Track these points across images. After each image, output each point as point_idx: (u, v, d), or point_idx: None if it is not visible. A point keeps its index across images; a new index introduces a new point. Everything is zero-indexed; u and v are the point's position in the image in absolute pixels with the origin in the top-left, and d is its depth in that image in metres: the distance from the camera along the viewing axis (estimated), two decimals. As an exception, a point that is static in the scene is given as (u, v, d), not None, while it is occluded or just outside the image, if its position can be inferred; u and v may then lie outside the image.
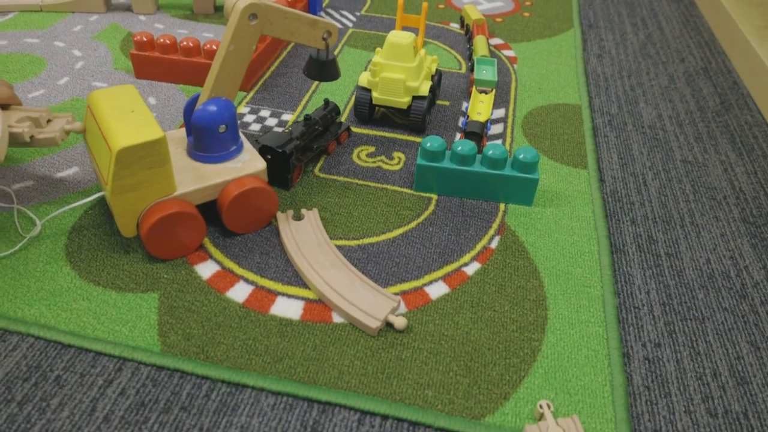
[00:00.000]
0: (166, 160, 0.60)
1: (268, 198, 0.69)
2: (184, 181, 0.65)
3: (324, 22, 0.73)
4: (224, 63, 0.66)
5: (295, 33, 0.71)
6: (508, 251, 0.71)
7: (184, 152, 0.70)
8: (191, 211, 0.64)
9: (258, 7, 0.65)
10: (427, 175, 0.78)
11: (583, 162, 0.88)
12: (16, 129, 0.68)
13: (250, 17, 0.65)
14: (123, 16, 1.23)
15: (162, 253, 0.66)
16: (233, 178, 0.67)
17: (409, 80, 0.88)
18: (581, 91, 1.07)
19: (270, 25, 0.68)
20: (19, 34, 1.13)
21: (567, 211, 0.78)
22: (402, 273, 0.68)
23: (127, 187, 0.60)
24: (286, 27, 0.70)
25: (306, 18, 0.71)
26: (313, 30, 0.73)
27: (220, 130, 0.67)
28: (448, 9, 1.39)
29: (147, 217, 0.62)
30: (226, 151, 0.69)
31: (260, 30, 0.67)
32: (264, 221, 0.71)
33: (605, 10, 1.44)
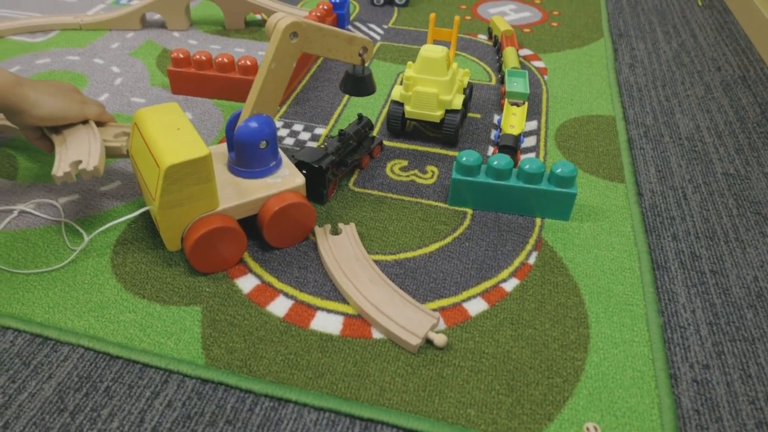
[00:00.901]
0: (210, 177, 0.62)
1: (307, 213, 0.70)
2: (226, 196, 0.67)
3: (360, 38, 0.74)
4: (266, 80, 0.67)
5: (333, 49, 0.73)
6: (546, 267, 0.71)
7: (226, 167, 0.72)
8: (234, 226, 0.65)
9: (299, 26, 0.67)
10: (463, 190, 0.78)
11: (620, 175, 0.87)
12: (114, 143, 0.75)
13: (291, 36, 0.67)
14: (158, 32, 1.25)
15: (205, 267, 0.67)
16: (274, 194, 0.68)
17: (442, 94, 0.88)
18: (614, 102, 1.06)
19: (309, 43, 0.70)
20: (61, 51, 1.15)
21: (605, 226, 0.77)
22: (440, 289, 0.68)
23: (173, 203, 0.61)
24: (324, 44, 0.71)
25: (343, 35, 0.72)
26: (350, 46, 0.74)
27: (261, 147, 0.68)
28: (475, 20, 1.39)
29: (191, 232, 0.64)
30: (267, 166, 0.70)
31: (300, 48, 0.69)
32: (302, 235, 0.72)
33: (635, 19, 1.43)
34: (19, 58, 1.12)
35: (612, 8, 1.48)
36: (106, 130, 0.79)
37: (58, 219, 0.75)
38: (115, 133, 0.78)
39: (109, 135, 0.78)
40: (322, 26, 0.70)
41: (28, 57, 1.13)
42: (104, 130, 0.79)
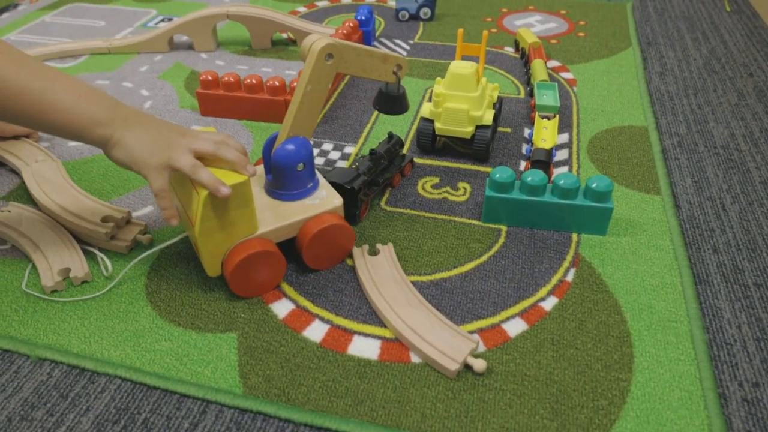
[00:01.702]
0: (249, 201, 0.62)
1: (346, 234, 0.70)
2: (265, 220, 0.67)
3: (394, 56, 0.74)
4: (302, 103, 0.68)
5: (368, 69, 0.73)
6: (585, 284, 0.69)
7: (263, 190, 0.72)
8: (273, 250, 0.65)
9: (334, 47, 0.67)
10: (497, 207, 0.77)
11: (656, 187, 0.85)
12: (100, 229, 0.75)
13: (327, 57, 0.67)
14: (185, 54, 1.26)
15: (245, 292, 0.67)
16: (312, 216, 0.68)
17: (473, 110, 0.87)
18: (646, 112, 1.05)
19: (344, 63, 0.70)
20: (91, 76, 1.17)
21: (643, 240, 0.76)
22: (477, 309, 0.66)
23: (213, 228, 0.61)
24: (359, 64, 0.72)
25: (377, 54, 0.72)
26: (384, 65, 0.74)
27: (298, 169, 0.68)
28: (501, 33, 1.38)
29: (231, 257, 0.64)
30: (304, 188, 0.70)
31: (336, 69, 0.69)
32: (341, 257, 0.72)
33: (663, 26, 1.41)
34: (52, 85, 1.14)
35: (639, 16, 1.46)
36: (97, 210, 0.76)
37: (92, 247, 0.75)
38: (103, 216, 0.75)
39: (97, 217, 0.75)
40: (356, 46, 0.70)
41: (60, 83, 1.15)
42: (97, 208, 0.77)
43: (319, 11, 1.50)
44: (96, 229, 0.73)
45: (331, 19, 1.45)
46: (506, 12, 1.50)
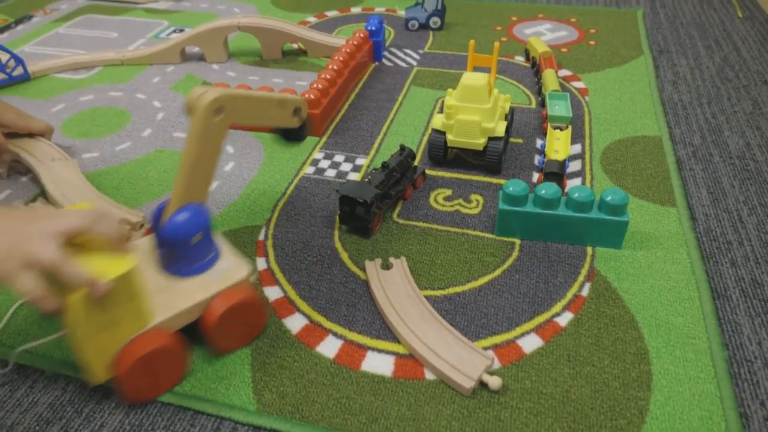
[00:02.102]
0: (138, 292, 0.52)
1: (258, 310, 0.63)
2: (160, 305, 0.57)
3: (291, 99, 0.72)
4: (193, 165, 0.58)
5: (265, 116, 0.69)
6: (601, 299, 0.69)
7: (154, 266, 0.62)
8: (173, 345, 0.56)
9: (223, 100, 0.58)
10: (510, 220, 0.77)
11: (671, 199, 0.85)
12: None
13: (216, 112, 0.58)
14: (197, 65, 1.27)
15: (142, 395, 0.57)
16: (216, 293, 0.59)
17: (485, 121, 0.87)
18: (659, 122, 1.04)
19: (238, 114, 0.62)
20: (104, 88, 1.18)
21: (660, 254, 0.75)
22: (492, 325, 0.66)
23: (94, 331, 0.51)
24: (254, 112, 0.66)
25: (273, 99, 0.69)
26: (281, 110, 0.71)
27: (193, 242, 0.59)
28: (511, 42, 1.38)
29: (122, 360, 0.54)
30: (204, 261, 0.61)
31: (228, 122, 0.60)
32: (255, 333, 0.64)
33: (675, 34, 1.40)
34: (64, 96, 1.15)
35: (650, 24, 1.46)
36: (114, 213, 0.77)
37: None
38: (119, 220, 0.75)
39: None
40: (249, 94, 0.64)
41: (72, 94, 1.15)
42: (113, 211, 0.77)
43: (328, 21, 1.51)
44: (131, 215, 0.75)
45: (341, 29, 1.45)
46: (516, 20, 1.49)
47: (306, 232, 0.79)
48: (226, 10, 1.59)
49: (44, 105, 1.12)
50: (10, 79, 1.18)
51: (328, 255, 0.75)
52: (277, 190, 0.87)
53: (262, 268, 0.74)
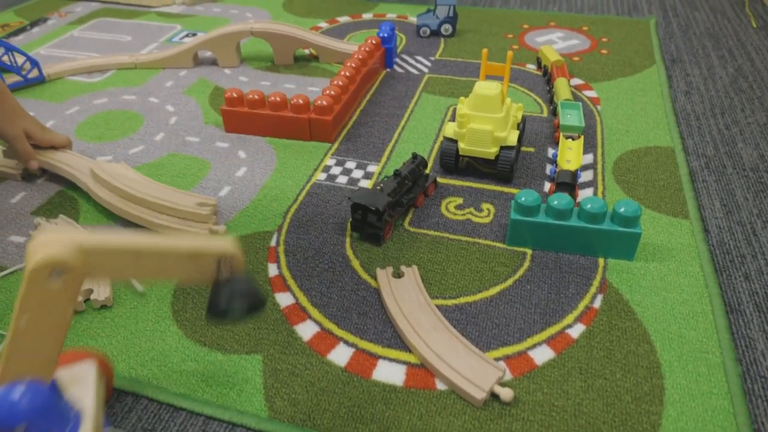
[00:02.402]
0: None
1: None
2: None
3: (211, 247, 0.46)
4: (20, 337, 0.42)
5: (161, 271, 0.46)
6: (613, 311, 0.68)
7: None
8: None
9: (64, 261, 0.40)
10: (522, 230, 0.77)
11: (684, 211, 0.84)
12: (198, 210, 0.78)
13: (53, 275, 0.40)
14: (209, 70, 1.27)
15: None
16: None
17: (497, 131, 0.87)
18: (672, 132, 1.03)
19: (102, 271, 0.43)
20: (117, 91, 1.18)
21: (672, 266, 0.75)
22: (503, 336, 0.66)
23: None
24: (143, 267, 0.45)
25: (179, 250, 0.45)
26: (193, 263, 0.46)
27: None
28: (522, 50, 1.37)
29: None
30: None
31: (77, 285, 0.42)
32: None
33: (688, 44, 1.40)
34: (78, 99, 1.16)
35: (663, 33, 1.45)
36: (187, 198, 0.80)
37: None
38: (198, 202, 0.80)
39: (191, 203, 0.80)
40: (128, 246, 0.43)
41: (86, 97, 1.16)
42: (185, 196, 0.80)
43: (340, 27, 1.51)
44: (197, 211, 0.78)
45: (353, 35, 1.46)
46: (528, 28, 1.49)
47: (318, 238, 0.79)
48: (238, 15, 1.60)
49: (59, 107, 1.13)
50: (25, 82, 1.19)
51: (339, 262, 0.76)
52: (288, 196, 0.88)
53: (273, 274, 0.74)
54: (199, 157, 0.97)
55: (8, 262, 0.76)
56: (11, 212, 0.85)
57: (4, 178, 0.93)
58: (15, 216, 0.85)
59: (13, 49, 1.16)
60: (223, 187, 0.90)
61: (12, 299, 0.71)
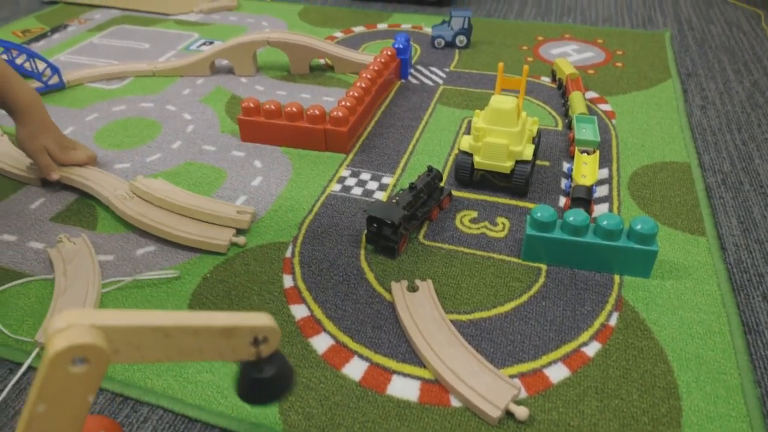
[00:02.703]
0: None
1: None
2: None
3: (247, 325, 0.42)
4: (39, 421, 0.38)
5: (196, 351, 0.41)
6: (629, 329, 0.68)
7: None
8: None
9: (88, 347, 0.36)
10: (537, 246, 0.77)
11: (700, 228, 0.84)
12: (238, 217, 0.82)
13: (74, 363, 0.37)
14: (226, 78, 1.28)
15: None
16: None
17: (513, 145, 0.87)
18: (688, 147, 1.03)
19: (128, 354, 0.39)
20: (136, 98, 1.20)
21: (689, 285, 0.74)
22: (518, 352, 0.66)
23: None
24: (174, 347, 0.40)
25: (211, 329, 0.40)
26: (228, 340, 0.41)
27: None
28: (537, 62, 1.37)
29: None
30: None
31: (101, 370, 0.38)
32: None
33: (703, 57, 1.40)
34: (97, 105, 1.17)
35: (678, 47, 1.45)
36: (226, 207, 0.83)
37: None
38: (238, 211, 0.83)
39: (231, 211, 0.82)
40: (157, 324, 0.39)
41: (105, 104, 1.17)
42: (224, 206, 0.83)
43: (355, 37, 1.52)
44: (238, 218, 0.81)
45: (368, 45, 1.46)
46: (542, 40, 1.49)
47: (332, 250, 0.80)
48: (254, 24, 1.61)
49: (78, 114, 1.14)
50: (46, 88, 1.21)
51: (354, 274, 0.76)
52: (304, 207, 0.88)
53: (288, 285, 0.74)
54: (215, 165, 0.98)
55: (27, 269, 0.77)
56: (30, 218, 0.86)
57: (24, 184, 0.94)
58: (34, 222, 0.85)
59: (35, 56, 1.17)
60: (239, 197, 0.90)
61: (30, 305, 0.72)
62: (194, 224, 0.81)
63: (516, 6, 1.74)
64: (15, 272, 0.77)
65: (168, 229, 0.80)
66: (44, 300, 0.72)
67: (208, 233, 0.80)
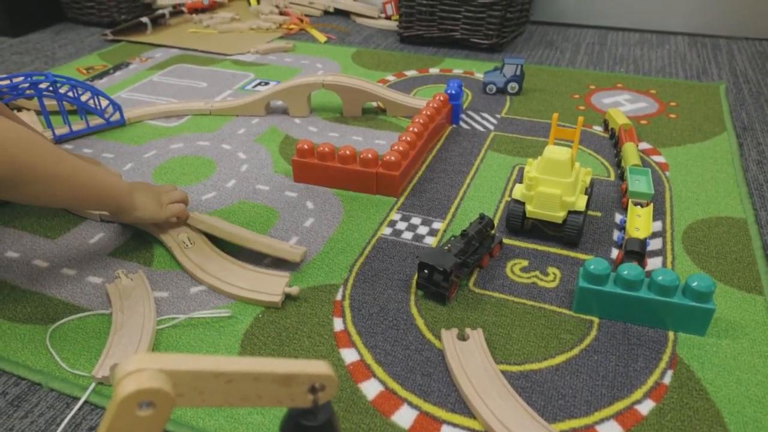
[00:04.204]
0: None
1: None
2: None
3: (306, 373, 0.42)
4: None
5: (253, 396, 0.42)
6: (683, 389, 0.67)
7: None
8: None
9: (156, 391, 0.38)
10: (590, 298, 0.76)
11: (758, 286, 0.82)
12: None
13: (141, 407, 0.38)
14: (280, 119, 1.32)
15: None
16: None
17: (566, 195, 0.87)
18: (744, 203, 1.01)
19: (191, 397, 0.40)
20: (192, 136, 1.24)
21: (746, 345, 0.72)
22: (569, 407, 0.65)
23: None
24: (231, 392, 0.41)
25: (273, 372, 0.41)
26: (287, 388, 0.42)
27: None
28: (588, 110, 1.38)
29: None
30: None
31: (166, 413, 0.39)
32: None
33: (759, 110, 1.38)
34: (156, 143, 1.21)
35: (733, 99, 1.43)
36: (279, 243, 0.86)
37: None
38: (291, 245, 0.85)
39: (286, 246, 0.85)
40: (220, 370, 0.40)
41: (164, 141, 1.22)
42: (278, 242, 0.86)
43: (407, 80, 1.55)
44: (293, 250, 0.84)
45: (420, 89, 1.49)
46: (594, 89, 1.50)
47: (383, 294, 0.80)
48: (309, 65, 1.65)
49: (137, 150, 1.18)
50: (107, 124, 1.26)
51: (404, 320, 0.76)
52: (355, 249, 0.89)
53: (339, 329, 0.75)
54: (268, 205, 1.00)
55: (85, 303, 0.80)
56: (89, 252, 0.89)
57: (84, 218, 0.97)
58: (93, 257, 0.89)
59: (99, 94, 1.23)
60: (291, 237, 0.92)
61: (88, 339, 0.74)
62: (247, 275, 0.82)
63: (568, 54, 1.75)
64: (74, 306, 0.79)
65: (220, 284, 0.80)
66: (101, 335, 0.74)
67: (260, 286, 0.79)
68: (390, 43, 1.84)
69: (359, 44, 1.83)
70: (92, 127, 1.24)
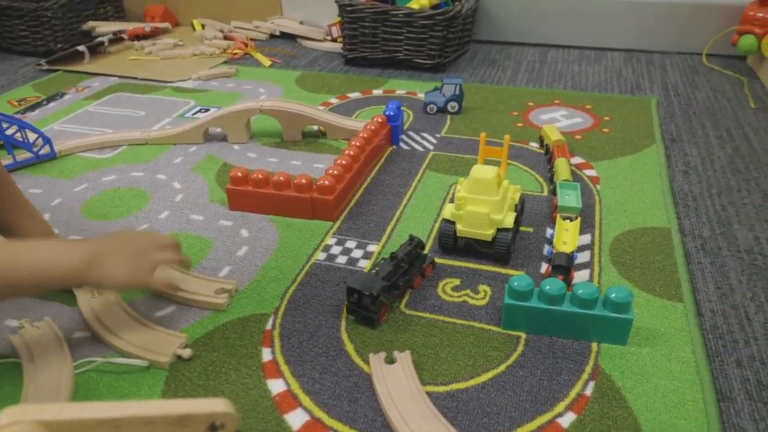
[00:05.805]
0: None
1: None
2: None
3: (204, 414, 0.42)
4: None
5: None
6: (604, 399, 0.68)
7: None
8: None
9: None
10: (516, 314, 0.77)
11: (678, 294, 0.85)
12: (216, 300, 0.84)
13: None
14: (219, 146, 1.32)
15: None
16: None
17: (493, 213, 0.89)
18: (669, 213, 1.05)
19: None
20: (126, 168, 1.23)
21: (665, 351, 0.75)
22: (493, 425, 0.66)
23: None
24: None
25: (167, 414, 0.41)
26: (184, 430, 0.42)
27: None
28: (526, 128, 1.41)
29: None
30: None
31: None
32: None
33: (687, 123, 1.43)
34: (87, 175, 1.19)
35: (663, 112, 1.48)
36: (207, 285, 0.85)
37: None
38: (216, 289, 0.84)
39: (210, 290, 0.84)
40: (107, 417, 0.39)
41: (96, 174, 1.20)
42: (205, 284, 0.85)
43: (350, 102, 1.56)
44: (215, 301, 0.82)
45: (362, 111, 1.50)
46: (532, 106, 1.53)
47: (313, 321, 0.81)
48: (252, 90, 1.66)
49: (67, 185, 1.16)
50: (36, 158, 1.23)
51: (333, 346, 0.76)
52: (288, 276, 0.89)
53: (267, 359, 0.75)
54: (202, 235, 1.00)
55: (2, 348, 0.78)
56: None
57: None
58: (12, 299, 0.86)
59: (27, 127, 1.19)
60: (224, 267, 0.92)
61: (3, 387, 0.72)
62: (143, 332, 0.78)
63: (509, 72, 1.79)
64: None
65: (114, 340, 0.76)
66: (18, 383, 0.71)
67: (153, 345, 0.75)
68: (335, 66, 1.86)
69: (304, 67, 1.84)
70: (20, 161, 1.22)
